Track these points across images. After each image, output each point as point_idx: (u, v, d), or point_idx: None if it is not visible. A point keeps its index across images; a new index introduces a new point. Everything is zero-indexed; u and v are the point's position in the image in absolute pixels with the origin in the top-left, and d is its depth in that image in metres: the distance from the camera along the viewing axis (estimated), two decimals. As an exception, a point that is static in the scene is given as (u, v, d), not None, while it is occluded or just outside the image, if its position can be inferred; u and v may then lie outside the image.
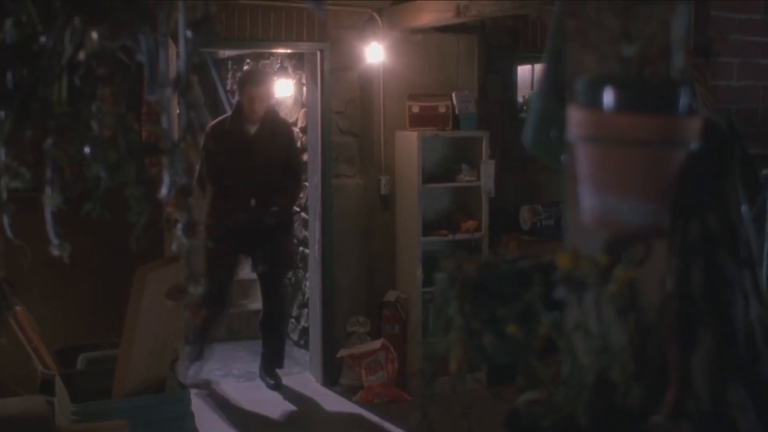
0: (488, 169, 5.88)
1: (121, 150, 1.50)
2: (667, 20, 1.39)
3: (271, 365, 5.93)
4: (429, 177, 5.84)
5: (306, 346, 6.41)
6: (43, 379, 3.74)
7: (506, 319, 1.48)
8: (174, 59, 1.52)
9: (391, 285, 6.04)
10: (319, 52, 5.75)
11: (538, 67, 6.10)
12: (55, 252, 1.55)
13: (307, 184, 6.14)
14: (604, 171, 1.36)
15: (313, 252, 6.06)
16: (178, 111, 1.45)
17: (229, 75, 8.52)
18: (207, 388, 5.82)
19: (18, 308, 3.71)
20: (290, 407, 5.53)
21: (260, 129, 5.65)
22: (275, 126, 5.78)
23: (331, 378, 5.91)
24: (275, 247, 5.74)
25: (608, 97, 1.35)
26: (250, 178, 5.57)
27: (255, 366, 6.19)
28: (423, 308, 5.75)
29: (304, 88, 6.36)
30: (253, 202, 5.59)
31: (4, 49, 1.51)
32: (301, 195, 6.29)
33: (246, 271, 7.26)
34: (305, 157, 6.14)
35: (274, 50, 6.46)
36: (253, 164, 5.56)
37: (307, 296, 6.49)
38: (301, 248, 6.61)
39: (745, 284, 1.47)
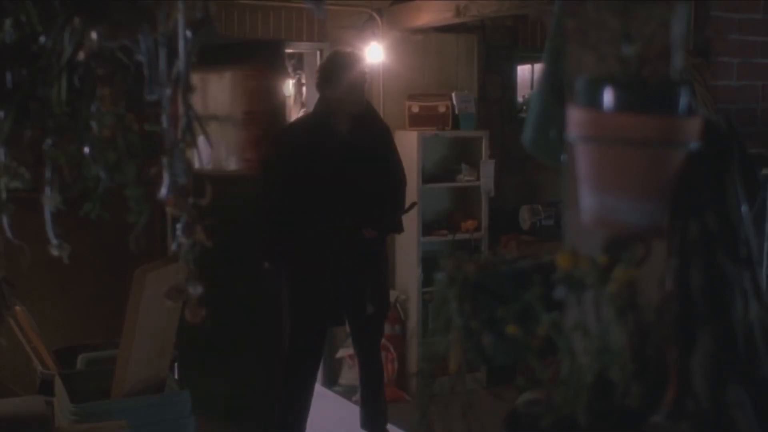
0: (488, 169, 5.88)
1: (120, 150, 1.50)
2: (666, 20, 1.39)
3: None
4: (429, 177, 5.84)
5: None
6: (43, 379, 3.73)
7: (506, 319, 1.48)
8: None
9: (390, 285, 6.03)
10: (318, 52, 5.75)
11: (538, 67, 6.11)
12: (55, 252, 1.55)
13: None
14: (604, 171, 1.36)
15: (312, 252, 6.03)
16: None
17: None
18: None
19: (17, 308, 3.70)
20: (290, 407, 5.52)
21: (356, 128, 4.15)
22: (374, 123, 4.31)
23: (330, 378, 5.91)
24: (378, 285, 4.36)
25: (608, 96, 1.35)
26: (348, 197, 4.14)
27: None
28: (423, 308, 5.74)
29: (304, 88, 6.36)
30: (347, 222, 4.17)
31: (4, 49, 1.51)
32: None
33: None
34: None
35: (273, 50, 6.45)
36: (351, 177, 4.12)
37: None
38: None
39: (745, 284, 1.47)
